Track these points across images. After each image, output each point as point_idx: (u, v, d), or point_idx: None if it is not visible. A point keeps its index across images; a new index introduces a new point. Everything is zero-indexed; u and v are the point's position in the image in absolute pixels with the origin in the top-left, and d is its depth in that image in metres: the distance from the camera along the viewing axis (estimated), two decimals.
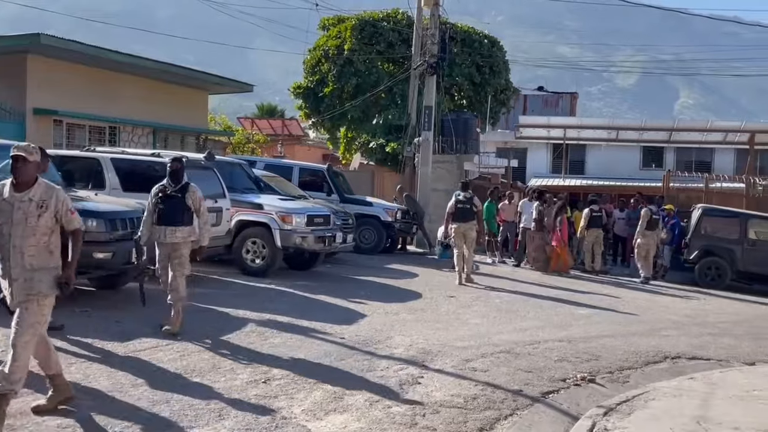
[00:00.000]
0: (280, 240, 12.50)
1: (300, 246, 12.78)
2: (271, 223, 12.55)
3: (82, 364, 6.51)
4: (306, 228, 12.79)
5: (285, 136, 35.61)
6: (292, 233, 12.56)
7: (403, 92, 24.66)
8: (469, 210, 14.03)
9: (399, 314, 10.21)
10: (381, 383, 6.60)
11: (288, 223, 12.59)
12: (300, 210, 13.04)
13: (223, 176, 12.87)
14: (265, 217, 12.66)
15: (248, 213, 12.76)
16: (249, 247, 12.63)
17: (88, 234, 8.55)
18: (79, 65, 18.88)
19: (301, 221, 12.74)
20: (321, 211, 13.70)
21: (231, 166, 14.09)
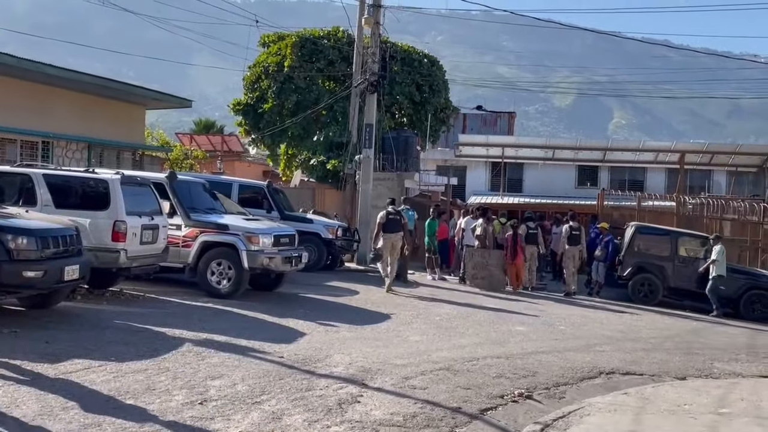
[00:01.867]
0: (247, 261, 12.09)
1: (267, 267, 12.41)
2: (237, 244, 12.14)
3: (10, 387, 6.28)
4: (273, 248, 12.52)
5: (224, 152, 35.26)
6: (259, 254, 12.19)
7: (344, 110, 24.72)
8: (398, 222, 15.36)
9: (339, 332, 10.17)
10: (320, 402, 6.55)
11: (255, 243, 12.22)
12: (266, 230, 12.75)
13: (184, 195, 12.68)
14: (232, 237, 12.25)
15: (213, 234, 12.38)
16: (214, 269, 12.23)
17: (18, 252, 8.35)
18: (11, 79, 18.36)
19: (267, 242, 12.44)
20: (287, 231, 13.51)
21: (192, 185, 13.81)
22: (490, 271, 17.23)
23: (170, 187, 12.59)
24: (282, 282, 13.66)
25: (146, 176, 13.42)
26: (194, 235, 12.36)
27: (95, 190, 11.06)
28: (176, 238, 12.37)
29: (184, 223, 12.43)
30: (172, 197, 12.52)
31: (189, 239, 12.39)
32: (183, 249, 12.38)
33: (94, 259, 10.18)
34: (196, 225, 12.40)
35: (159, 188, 12.44)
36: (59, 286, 9.12)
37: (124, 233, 10.71)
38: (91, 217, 10.66)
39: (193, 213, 12.58)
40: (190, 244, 12.35)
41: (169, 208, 12.34)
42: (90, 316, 9.70)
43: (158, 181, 12.71)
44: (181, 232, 12.41)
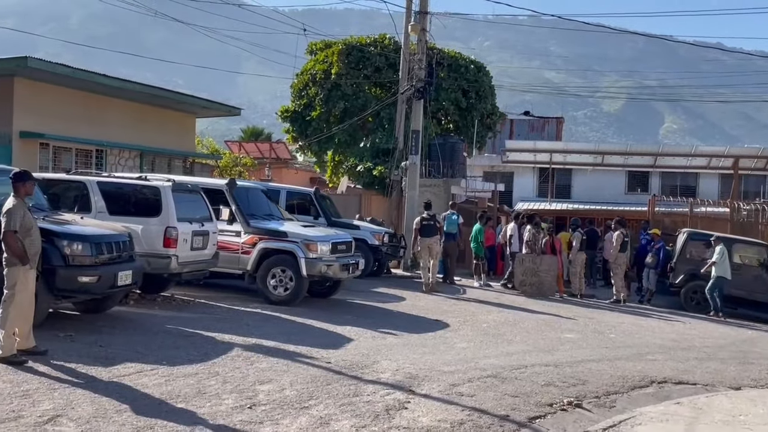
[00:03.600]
0: (306, 269, 12.08)
1: (325, 274, 12.39)
2: (296, 252, 12.15)
3: (66, 389, 6.44)
4: (331, 256, 12.49)
5: (272, 160, 35.62)
6: (317, 261, 12.17)
7: (391, 116, 24.77)
8: (433, 226, 16.04)
9: (386, 338, 10.18)
10: (367, 408, 6.57)
11: (313, 251, 12.19)
12: (324, 238, 12.72)
13: (243, 202, 12.75)
14: (290, 245, 12.26)
15: (272, 241, 12.41)
16: (273, 276, 12.26)
17: (73, 257, 8.56)
18: (66, 88, 18.85)
19: (325, 249, 12.40)
20: (344, 238, 13.45)
21: (251, 191, 13.88)
22: (540, 277, 17.06)
23: (230, 194, 12.67)
24: (338, 289, 13.64)
25: (207, 183, 13.63)
26: (254, 242, 12.39)
27: (147, 197, 11.28)
28: (236, 244, 12.48)
29: (243, 229, 12.48)
30: (232, 204, 12.57)
31: (248, 246, 12.42)
32: (243, 256, 12.44)
33: (146, 264, 10.37)
34: (255, 232, 12.44)
35: (219, 195, 12.60)
36: (113, 291, 9.32)
37: (175, 239, 10.90)
38: (143, 223, 10.87)
39: (253, 220, 12.65)
40: (250, 251, 12.38)
41: (228, 215, 12.43)
42: (142, 321, 9.89)
43: (218, 188, 12.87)
44: (240, 238, 12.47)
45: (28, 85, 17.91)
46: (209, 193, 12.78)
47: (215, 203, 12.47)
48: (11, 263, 7.21)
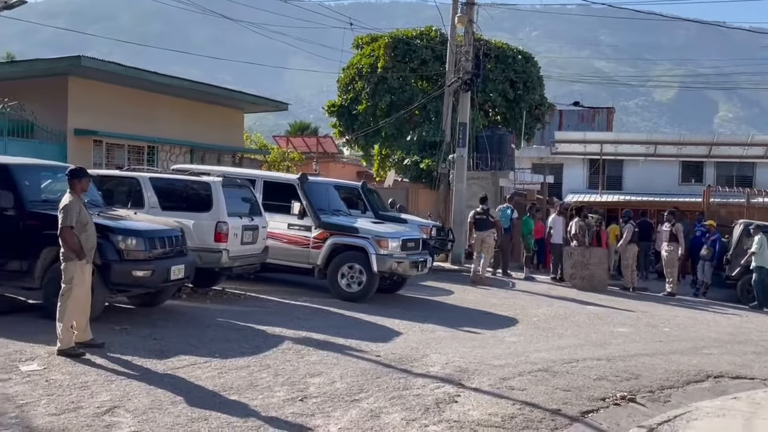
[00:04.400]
0: (377, 265, 12.02)
1: (395, 271, 12.33)
2: (367, 248, 12.08)
3: (122, 381, 6.59)
4: (401, 253, 12.42)
5: (319, 154, 35.82)
6: (388, 258, 12.09)
7: (437, 109, 24.67)
8: (487, 220, 16.25)
9: (435, 332, 10.17)
10: (417, 401, 6.56)
11: (384, 247, 12.13)
12: (394, 234, 12.66)
13: (313, 197, 12.75)
14: (361, 241, 12.20)
15: (343, 236, 12.37)
16: (344, 272, 12.23)
17: (127, 252, 8.74)
18: (118, 86, 19.24)
19: (396, 246, 12.33)
20: (413, 235, 13.37)
21: (320, 186, 13.85)
22: (591, 270, 16.84)
23: (301, 189, 12.67)
24: (404, 285, 13.57)
25: (278, 177, 13.72)
26: (324, 237, 12.36)
27: (198, 193, 11.45)
28: (306, 239, 12.50)
29: (314, 224, 12.47)
30: (303, 199, 12.56)
31: (319, 241, 12.40)
32: (313, 250, 12.44)
33: (198, 259, 10.52)
34: (326, 227, 12.41)
35: (290, 190, 12.66)
36: (166, 285, 9.48)
37: (226, 234, 11.04)
38: (195, 218, 11.04)
39: (323, 215, 12.65)
40: (320, 246, 12.36)
41: (299, 210, 12.45)
42: (195, 314, 10.05)
43: (290, 182, 12.91)
44: (311, 233, 12.48)
45: (81, 83, 18.33)
46: (279, 187, 12.90)
47: (285, 198, 12.52)
48: (68, 258, 7.39)
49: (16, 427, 5.27)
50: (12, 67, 18.86)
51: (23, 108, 16.62)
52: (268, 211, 12.60)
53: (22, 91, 17.10)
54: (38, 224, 8.58)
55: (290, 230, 12.56)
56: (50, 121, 17.46)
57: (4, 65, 18.77)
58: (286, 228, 12.65)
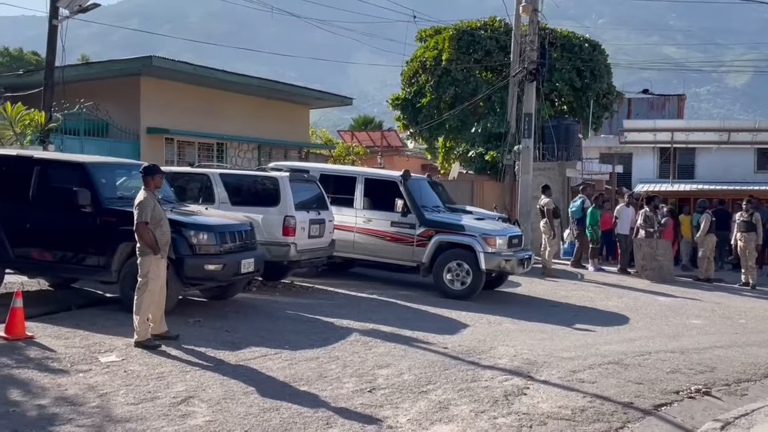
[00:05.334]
0: (485, 263, 11.85)
1: (503, 269, 12.18)
2: (475, 246, 11.89)
3: (196, 372, 6.77)
4: (508, 250, 12.25)
5: (384, 148, 35.92)
6: (496, 256, 11.93)
7: (502, 100, 24.43)
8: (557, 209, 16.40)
9: (502, 324, 10.11)
10: (486, 393, 6.55)
11: (491, 245, 11.94)
12: (501, 232, 12.49)
13: (416, 194, 12.65)
14: (468, 239, 12.02)
15: (449, 234, 12.20)
16: (450, 269, 12.05)
17: (199, 247, 8.97)
18: (188, 85, 19.70)
19: (503, 243, 12.13)
20: (516, 232, 13.20)
21: (420, 183, 13.59)
22: (659, 261, 16.47)
23: (404, 186, 12.54)
24: (503, 281, 13.33)
25: (382, 175, 13.69)
26: (429, 234, 12.22)
27: (266, 188, 11.65)
28: (409, 237, 12.39)
29: (418, 222, 12.34)
30: (406, 196, 12.44)
31: (423, 239, 12.26)
32: (417, 248, 12.32)
33: (267, 252, 10.71)
34: (431, 224, 12.28)
35: (392, 187, 12.60)
36: (236, 278, 9.69)
37: (294, 228, 11.20)
38: (263, 213, 11.23)
39: (425, 212, 12.49)
40: (425, 244, 12.23)
41: (402, 207, 12.36)
42: (265, 307, 10.25)
43: (392, 180, 12.84)
44: (415, 231, 12.35)
45: (153, 83, 18.85)
46: (381, 184, 12.87)
47: (387, 195, 12.49)
48: (144, 253, 7.63)
49: (97, 416, 5.48)
50: (87, 68, 19.51)
51: (98, 108, 17.19)
52: (369, 209, 12.71)
53: (97, 91, 17.69)
54: (114, 220, 8.87)
55: (393, 228, 12.47)
56: (124, 120, 18.01)
57: (79, 67, 19.41)
58: (389, 225, 12.55)
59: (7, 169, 9.66)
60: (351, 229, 12.82)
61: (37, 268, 9.79)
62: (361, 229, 12.79)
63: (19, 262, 9.53)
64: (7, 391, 5.95)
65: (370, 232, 12.69)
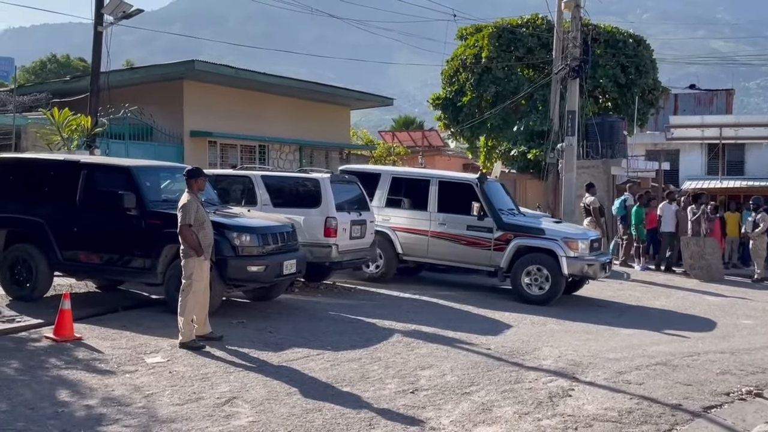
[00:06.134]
0: (567, 267, 11.54)
1: (586, 274, 11.83)
2: (556, 250, 11.58)
3: (240, 373, 6.82)
4: (591, 255, 11.92)
5: (425, 148, 35.84)
6: (578, 260, 11.62)
7: (545, 97, 24.18)
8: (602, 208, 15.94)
9: (546, 324, 9.99)
10: (530, 395, 6.47)
11: (573, 249, 11.62)
12: (583, 235, 12.24)
13: (493, 197, 12.42)
14: (550, 243, 11.70)
15: (528, 238, 11.92)
16: (528, 274, 11.74)
17: (242, 248, 9.04)
18: (230, 88, 19.90)
19: (585, 247, 11.78)
20: (596, 235, 12.84)
21: (493, 185, 13.26)
22: (707, 260, 16.13)
23: (480, 189, 12.28)
24: (582, 286, 12.86)
25: (456, 177, 13.51)
26: (507, 238, 11.95)
27: (308, 189, 11.70)
28: (487, 240, 12.11)
29: (496, 225, 12.07)
30: (483, 200, 12.17)
31: (501, 243, 11.99)
32: (495, 252, 12.05)
33: (309, 253, 10.75)
34: (509, 228, 12.02)
35: (467, 190, 12.39)
36: (279, 279, 9.73)
37: (335, 229, 11.22)
38: (305, 214, 11.28)
39: (503, 215, 12.22)
40: (503, 248, 11.95)
41: (478, 210, 12.08)
42: (307, 308, 10.28)
43: (467, 182, 12.65)
44: (492, 234, 12.08)
45: (195, 87, 19.08)
46: (456, 187, 12.68)
47: (462, 198, 12.34)
48: (188, 255, 7.72)
49: (143, 416, 5.55)
50: (131, 73, 19.84)
51: (142, 112, 17.46)
52: (443, 212, 12.48)
53: (141, 96, 17.98)
54: (159, 223, 8.99)
55: (469, 231, 12.23)
56: (168, 123, 18.27)
57: (124, 72, 19.74)
58: (465, 229, 12.29)
59: (54, 173, 9.86)
60: (424, 233, 12.61)
61: (85, 271, 9.97)
62: (435, 233, 12.53)
63: (67, 264, 9.72)
64: (56, 392, 6.06)
65: (444, 236, 12.44)
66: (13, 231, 9.85)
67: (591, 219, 16.25)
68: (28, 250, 9.64)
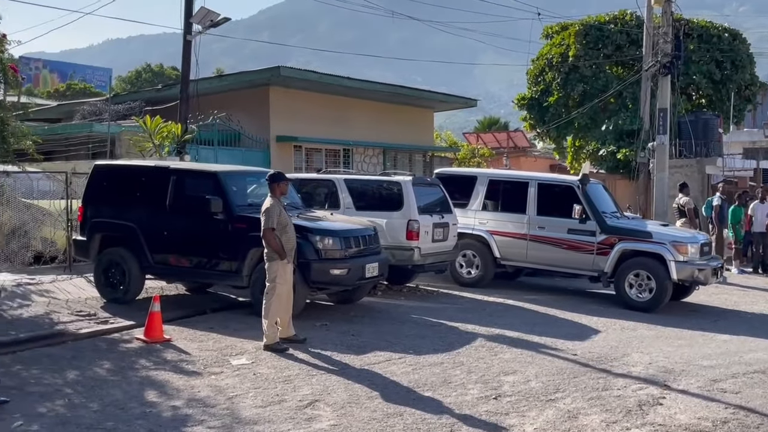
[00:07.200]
0: (677, 272, 11.07)
1: (696, 279, 11.26)
2: (665, 254, 11.11)
3: (322, 376, 6.86)
4: (701, 259, 11.40)
5: (510, 149, 35.39)
6: (688, 265, 11.11)
7: (634, 95, 23.51)
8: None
9: (636, 330, 9.66)
10: (618, 403, 6.25)
11: (683, 253, 11.11)
12: (693, 238, 11.64)
13: (596, 200, 12.12)
14: (657, 246, 11.25)
15: (634, 242, 11.48)
16: (632, 280, 11.33)
17: (325, 251, 9.11)
18: (315, 93, 20.15)
19: (695, 251, 11.28)
20: (705, 239, 12.26)
21: (595, 187, 12.85)
22: None
23: (582, 191, 11.98)
24: (690, 293, 12.29)
25: (557, 179, 13.30)
26: (611, 242, 11.56)
27: (390, 192, 11.69)
28: (589, 244, 11.75)
29: (599, 229, 11.71)
30: (585, 202, 11.83)
31: (605, 247, 11.61)
32: (598, 257, 11.68)
33: (391, 256, 10.75)
34: (614, 231, 11.63)
35: (568, 193, 12.11)
36: (361, 282, 9.77)
37: (417, 232, 11.18)
38: (387, 217, 11.27)
39: (606, 218, 11.86)
40: (607, 252, 11.57)
41: (580, 213, 11.72)
42: (389, 311, 10.27)
43: (568, 184, 12.34)
44: (595, 238, 11.70)
45: (281, 92, 19.41)
46: (556, 189, 12.47)
47: (562, 201, 12.04)
48: (271, 258, 7.82)
49: (226, 417, 5.65)
50: (220, 81, 20.35)
51: (230, 118, 17.88)
52: (543, 215, 12.22)
53: (229, 102, 18.42)
54: (245, 227, 9.15)
55: (570, 235, 11.94)
56: (254, 129, 18.64)
57: (212, 80, 20.27)
58: (566, 233, 11.97)
59: (146, 179, 10.20)
60: (523, 237, 12.37)
61: (174, 274, 10.26)
62: (534, 236, 12.25)
63: (157, 268, 10.03)
64: (145, 392, 6.24)
65: (544, 240, 12.15)
66: (107, 235, 10.24)
67: (685, 220, 15.63)
68: (121, 253, 10.00)
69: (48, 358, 7.22)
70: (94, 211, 10.39)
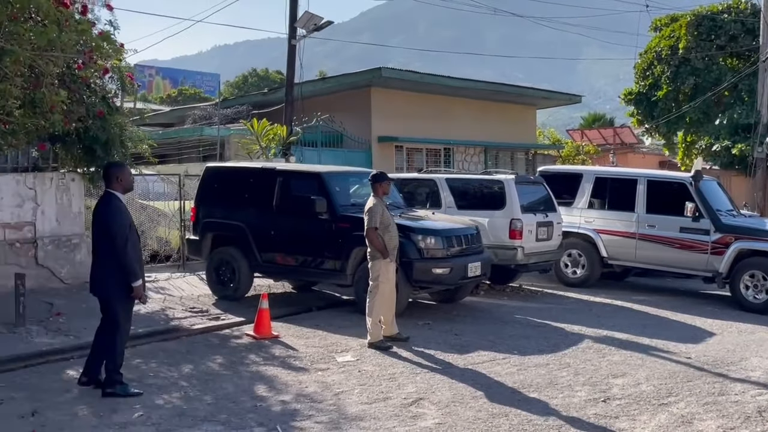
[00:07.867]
0: None
1: None
2: None
3: (426, 374, 6.87)
4: None
5: (616, 145, 34.41)
6: None
7: (750, 88, 22.40)
8: None
9: (755, 333, 9.20)
10: (736, 409, 5.98)
11: None
12: None
13: (710, 197, 11.80)
14: None
15: (752, 241, 11.10)
16: (747, 281, 11.00)
17: (427, 251, 9.13)
18: (415, 93, 20.20)
19: None
20: None
21: (713, 185, 12.54)
22: None
23: (695, 188, 11.63)
24: None
25: (668, 176, 12.95)
26: (727, 241, 11.20)
27: (492, 191, 11.57)
28: (703, 244, 11.39)
29: (714, 227, 11.34)
30: (698, 199, 11.50)
31: (720, 246, 11.25)
32: (712, 256, 11.33)
33: (494, 256, 10.64)
34: (730, 230, 11.27)
35: (680, 190, 11.78)
36: (464, 281, 9.72)
37: (520, 231, 11.02)
38: (489, 216, 11.16)
39: (721, 216, 11.52)
40: (722, 252, 11.21)
41: (692, 211, 11.38)
42: (492, 311, 10.18)
43: (680, 182, 11.96)
44: (709, 237, 11.35)
45: (382, 93, 19.55)
46: (666, 187, 12.14)
47: (673, 198, 11.73)
48: (374, 257, 7.90)
49: (333, 413, 5.74)
50: (322, 83, 20.71)
51: (333, 120, 18.18)
52: (653, 213, 11.92)
53: (331, 104, 18.73)
54: (348, 226, 9.29)
55: (682, 234, 11.60)
56: (356, 130, 18.87)
57: (316, 82, 20.65)
58: (677, 231, 11.62)
59: (253, 180, 10.49)
60: (631, 236, 12.06)
61: (281, 272, 10.51)
62: (644, 235, 11.92)
63: (265, 266, 10.31)
64: (255, 387, 6.42)
65: (654, 239, 11.82)
66: (218, 235, 10.61)
67: None
68: (231, 252, 10.33)
69: (164, 353, 7.55)
70: (205, 212, 10.79)
